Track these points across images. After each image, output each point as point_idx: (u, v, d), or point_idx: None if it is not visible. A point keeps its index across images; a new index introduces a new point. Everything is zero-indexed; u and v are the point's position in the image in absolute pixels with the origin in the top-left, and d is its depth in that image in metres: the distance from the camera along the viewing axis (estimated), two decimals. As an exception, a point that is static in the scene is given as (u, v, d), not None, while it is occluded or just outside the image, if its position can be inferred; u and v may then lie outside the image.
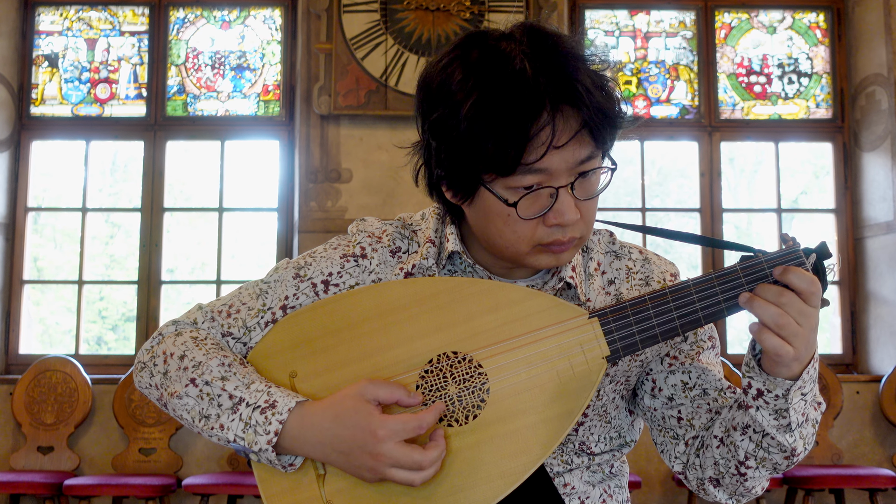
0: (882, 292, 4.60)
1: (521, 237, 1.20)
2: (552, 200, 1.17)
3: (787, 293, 1.11)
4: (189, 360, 1.26)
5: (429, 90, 1.21)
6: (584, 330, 1.19)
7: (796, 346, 1.11)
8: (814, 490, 4.01)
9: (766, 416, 1.17)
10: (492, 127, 1.13)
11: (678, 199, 6.16)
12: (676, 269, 1.39)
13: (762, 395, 1.16)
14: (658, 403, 1.34)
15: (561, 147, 1.14)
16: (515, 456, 1.17)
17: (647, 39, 4.97)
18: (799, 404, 1.16)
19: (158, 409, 4.25)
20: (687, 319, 1.17)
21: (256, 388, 1.21)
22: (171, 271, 5.10)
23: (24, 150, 4.73)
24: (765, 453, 1.20)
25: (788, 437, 1.18)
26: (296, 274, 1.34)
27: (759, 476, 1.24)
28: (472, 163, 1.16)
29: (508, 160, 1.13)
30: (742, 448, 1.21)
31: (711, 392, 1.31)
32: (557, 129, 1.13)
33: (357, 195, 4.46)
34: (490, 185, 1.18)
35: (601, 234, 1.40)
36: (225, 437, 1.20)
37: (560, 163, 1.15)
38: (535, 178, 1.16)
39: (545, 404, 1.18)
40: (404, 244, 1.35)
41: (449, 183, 1.23)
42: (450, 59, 1.20)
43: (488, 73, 1.15)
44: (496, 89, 1.13)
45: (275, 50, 4.84)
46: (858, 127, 4.79)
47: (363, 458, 1.15)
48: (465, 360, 1.20)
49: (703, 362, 1.32)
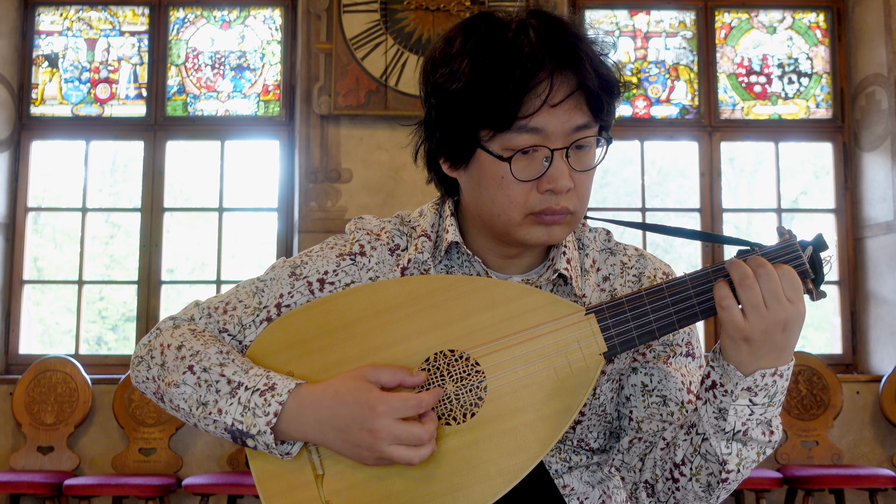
0: (882, 292, 4.60)
1: (514, 202, 1.21)
2: (546, 165, 1.19)
3: (769, 267, 1.10)
4: (187, 350, 1.26)
5: (433, 59, 1.25)
6: (581, 327, 1.19)
7: (751, 321, 1.09)
8: (814, 490, 4.00)
9: (709, 413, 1.15)
10: (491, 79, 1.16)
11: (678, 199, 6.16)
12: (671, 269, 1.39)
13: (714, 387, 1.15)
14: (616, 399, 1.33)
15: (556, 105, 1.17)
16: (514, 454, 1.17)
17: (647, 39, 4.97)
18: (743, 410, 1.13)
19: (158, 410, 4.25)
20: (684, 314, 1.16)
21: (255, 373, 1.21)
22: (171, 271, 5.10)
23: (24, 150, 4.73)
24: (701, 460, 1.17)
25: (724, 446, 1.15)
26: (292, 272, 1.34)
27: (691, 489, 1.20)
28: (469, 119, 1.19)
29: (506, 113, 1.16)
30: (682, 449, 1.19)
31: (671, 404, 1.28)
32: (555, 86, 1.16)
33: (357, 195, 4.46)
34: (486, 143, 1.20)
35: (598, 233, 1.40)
36: (223, 423, 1.20)
37: (556, 124, 1.18)
38: (530, 138, 1.18)
39: (543, 402, 1.18)
40: (403, 241, 1.35)
41: (446, 150, 1.25)
42: (455, 32, 1.24)
43: (491, 36, 1.19)
44: (497, 48, 1.17)
45: (275, 50, 4.84)
46: (858, 127, 4.79)
47: (361, 434, 1.14)
48: (462, 358, 1.20)
49: (671, 367, 1.30)
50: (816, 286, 1.14)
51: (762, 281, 1.09)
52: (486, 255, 1.32)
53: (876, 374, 4.56)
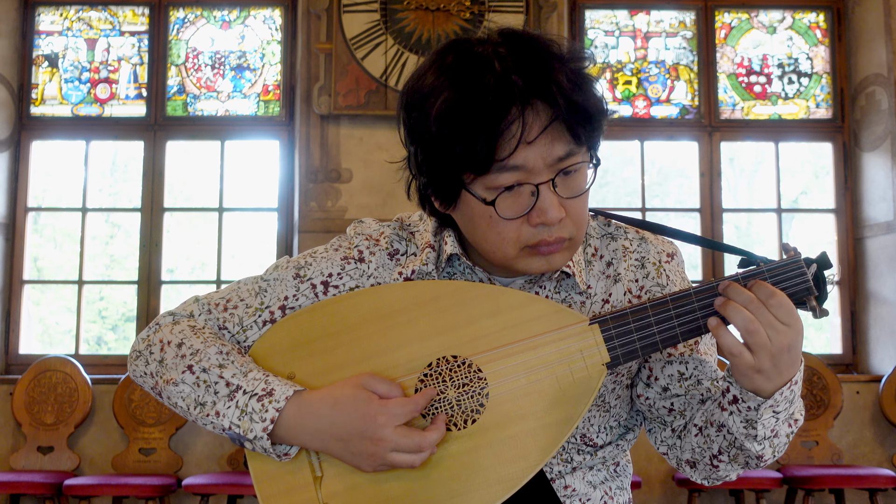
0: (882, 292, 4.60)
1: (506, 239, 1.18)
2: (534, 199, 1.16)
3: (756, 301, 1.12)
4: (187, 348, 1.26)
5: (406, 97, 1.21)
6: (584, 336, 1.19)
7: (758, 357, 1.12)
8: (814, 490, 4.01)
9: (737, 423, 1.19)
10: (461, 125, 1.12)
11: (678, 199, 6.16)
12: (673, 248, 1.37)
13: (736, 402, 1.17)
14: (652, 393, 1.33)
15: (532, 142, 1.13)
16: (514, 461, 1.17)
17: (647, 39, 4.96)
18: (769, 420, 1.17)
19: (158, 410, 4.26)
20: (688, 328, 1.17)
21: (254, 377, 1.21)
22: (171, 271, 5.10)
23: (24, 150, 4.73)
24: (737, 451, 1.23)
25: (756, 445, 1.20)
26: (296, 274, 1.33)
27: (732, 469, 1.28)
28: (448, 164, 1.16)
29: (481, 157, 1.13)
30: (716, 443, 1.24)
31: (705, 382, 1.32)
32: (527, 123, 1.12)
33: (357, 195, 4.46)
34: (470, 186, 1.17)
35: (596, 220, 1.38)
36: (220, 425, 1.20)
37: (536, 159, 1.14)
38: (512, 175, 1.14)
39: (544, 410, 1.18)
40: (402, 246, 1.35)
41: (433, 190, 1.23)
42: (427, 65, 1.20)
43: (459, 73, 1.15)
44: (465, 88, 1.13)
45: (275, 50, 4.84)
46: (858, 127, 4.79)
47: (363, 444, 1.15)
48: (464, 364, 1.20)
49: (702, 353, 1.32)
50: (819, 304, 1.15)
51: (758, 316, 1.11)
52: (488, 266, 1.31)
53: (876, 374, 4.56)
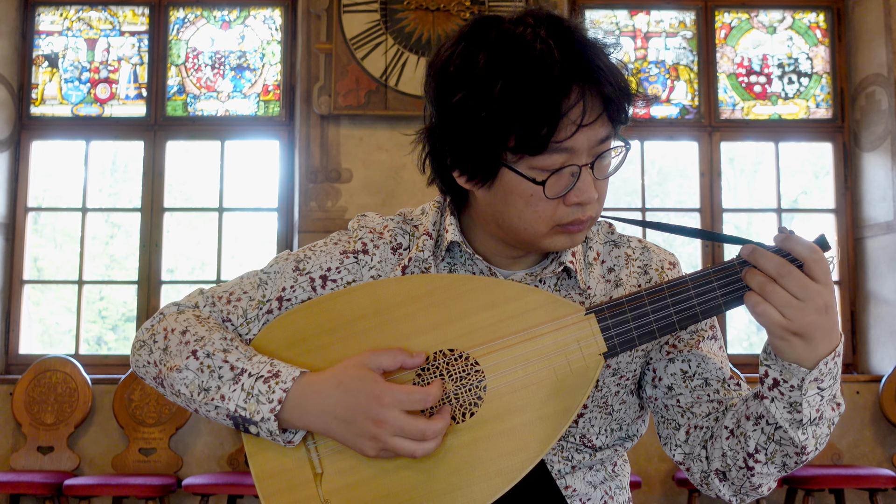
0: (882, 292, 4.60)
1: (542, 217, 1.20)
2: (574, 179, 1.18)
3: (787, 265, 1.09)
4: (191, 335, 1.26)
5: (446, 75, 1.21)
6: (581, 326, 1.18)
7: (790, 318, 1.08)
8: (814, 490, 4.00)
9: (780, 409, 1.14)
10: (525, 106, 1.13)
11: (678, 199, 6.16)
12: (675, 259, 1.39)
13: (777, 385, 1.13)
14: (659, 393, 1.33)
15: (588, 125, 1.15)
16: (513, 454, 1.17)
17: (647, 39, 4.97)
18: (814, 398, 1.12)
19: (158, 410, 4.25)
20: (684, 315, 1.16)
21: (259, 360, 1.22)
22: (171, 271, 5.10)
23: (24, 150, 4.73)
24: (776, 446, 1.17)
25: (800, 434, 1.14)
26: (295, 266, 1.34)
27: (767, 473, 1.21)
28: (498, 143, 1.16)
29: (540, 139, 1.14)
30: (753, 439, 1.18)
31: (713, 383, 1.30)
32: (587, 107, 1.15)
33: (357, 195, 4.46)
34: (513, 164, 1.18)
35: (600, 226, 1.40)
36: (225, 409, 1.19)
37: (584, 141, 1.17)
38: (561, 157, 1.16)
39: (542, 401, 1.17)
40: (405, 240, 1.35)
41: (465, 167, 1.22)
42: (466, 42, 1.20)
43: (513, 54, 1.16)
44: (526, 70, 1.14)
45: (275, 50, 4.84)
46: (858, 127, 4.79)
47: (366, 424, 1.14)
48: (461, 357, 1.20)
49: (703, 350, 1.31)
50: None
51: (786, 281, 1.08)
52: (490, 254, 1.32)
53: (876, 374, 4.56)
